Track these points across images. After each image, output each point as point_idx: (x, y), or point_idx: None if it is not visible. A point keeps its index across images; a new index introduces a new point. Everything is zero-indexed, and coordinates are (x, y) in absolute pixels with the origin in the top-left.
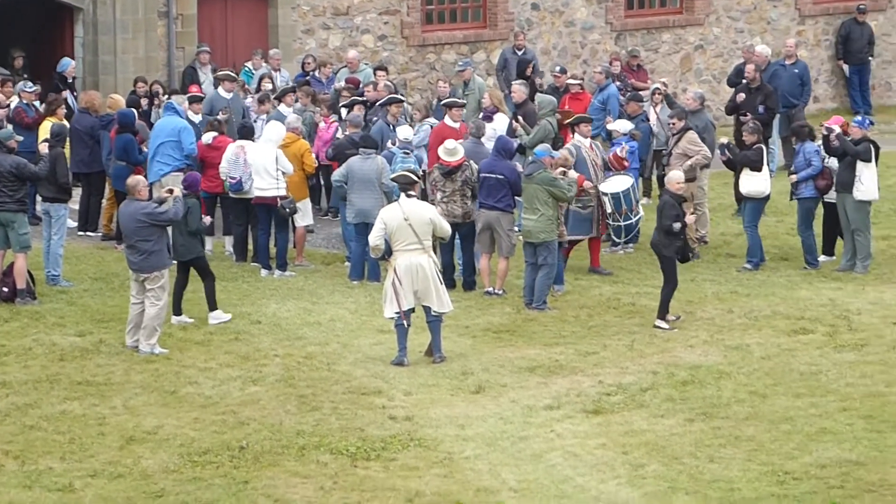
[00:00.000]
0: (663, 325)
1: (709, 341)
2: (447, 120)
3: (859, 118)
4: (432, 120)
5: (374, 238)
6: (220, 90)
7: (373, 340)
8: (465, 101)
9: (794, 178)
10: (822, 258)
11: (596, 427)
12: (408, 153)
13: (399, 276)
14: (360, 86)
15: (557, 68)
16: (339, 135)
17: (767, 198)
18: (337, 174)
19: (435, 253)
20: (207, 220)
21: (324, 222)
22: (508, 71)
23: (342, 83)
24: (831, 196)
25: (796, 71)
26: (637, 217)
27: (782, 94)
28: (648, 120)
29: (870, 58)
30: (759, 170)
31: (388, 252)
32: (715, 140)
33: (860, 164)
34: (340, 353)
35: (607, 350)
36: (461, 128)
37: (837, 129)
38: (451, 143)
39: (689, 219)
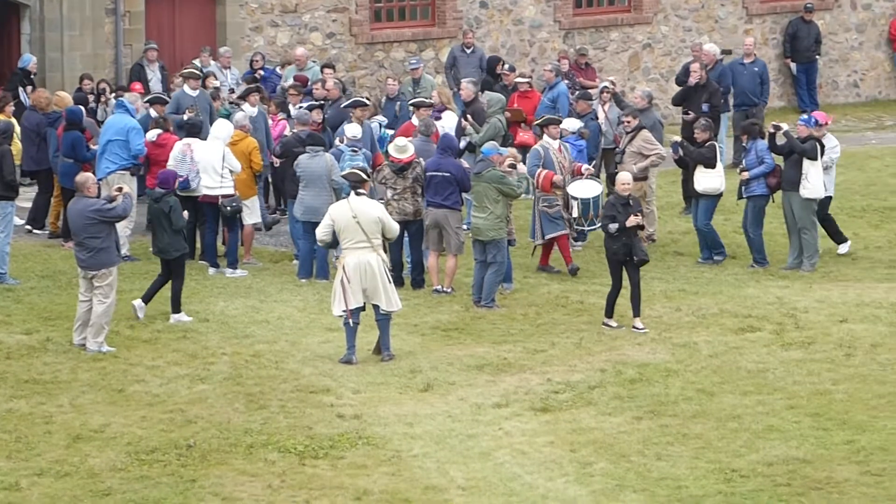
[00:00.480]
0: (639, 325)
1: (657, 339)
2: (414, 119)
3: (805, 116)
4: (381, 118)
5: (322, 233)
6: (186, 88)
7: (321, 338)
8: (433, 101)
9: (745, 175)
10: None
11: (544, 425)
12: (356, 151)
13: (348, 274)
14: (308, 83)
15: (506, 66)
16: (288, 132)
17: (720, 195)
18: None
19: (384, 251)
20: (185, 215)
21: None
22: (457, 69)
23: (290, 81)
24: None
25: (756, 69)
26: (600, 224)
27: (743, 92)
28: (597, 118)
29: (817, 56)
30: (713, 167)
31: (335, 244)
32: (663, 138)
33: (806, 163)
34: (289, 351)
35: (556, 348)
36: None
37: (785, 126)
38: (401, 140)
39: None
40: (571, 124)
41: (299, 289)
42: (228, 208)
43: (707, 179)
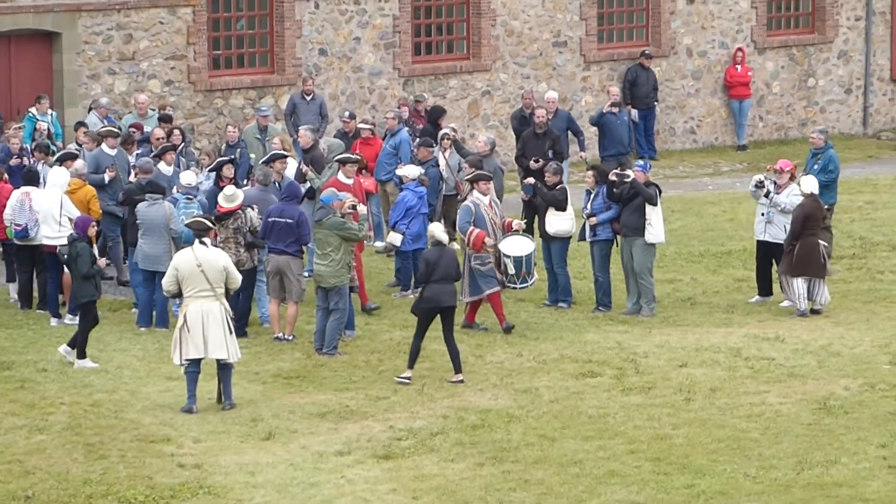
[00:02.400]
0: (460, 378)
1: (498, 385)
2: (340, 175)
3: (642, 162)
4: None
5: (167, 283)
6: (105, 147)
7: (161, 387)
8: (358, 157)
9: (594, 220)
10: (756, 299)
11: (386, 472)
12: (191, 199)
13: (189, 323)
14: (145, 131)
15: (346, 113)
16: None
17: (570, 237)
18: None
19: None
20: (102, 262)
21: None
22: (297, 116)
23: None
24: (770, 236)
25: (626, 119)
26: (533, 280)
27: (617, 141)
28: (438, 165)
29: (655, 103)
30: (564, 209)
31: (181, 293)
32: (504, 185)
33: (648, 208)
34: (128, 400)
35: (398, 395)
36: (355, 183)
37: (632, 174)
38: (230, 189)
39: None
40: (411, 171)
41: (139, 337)
42: (66, 256)
43: (559, 222)
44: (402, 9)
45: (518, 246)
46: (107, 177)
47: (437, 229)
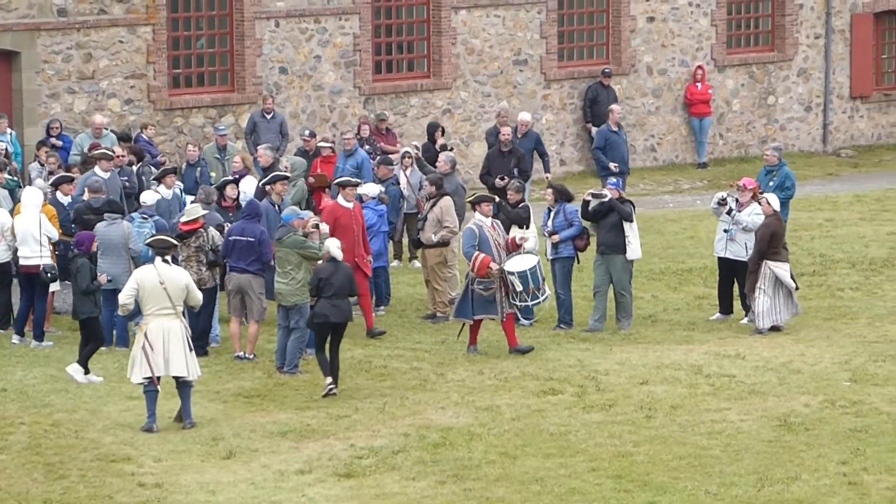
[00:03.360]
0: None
1: (460, 403)
2: (340, 199)
3: (614, 180)
4: (180, 184)
5: (125, 298)
6: (97, 169)
7: (122, 407)
8: (358, 181)
9: (556, 237)
10: (717, 316)
11: (348, 490)
12: (146, 219)
13: (150, 340)
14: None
15: (306, 132)
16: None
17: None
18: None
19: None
20: (103, 279)
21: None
22: (257, 134)
23: (85, 148)
24: (732, 254)
25: (625, 137)
26: (544, 296)
27: (619, 160)
28: (398, 183)
29: None
30: (528, 227)
31: (138, 312)
32: (465, 203)
33: (626, 225)
34: (89, 419)
35: (359, 413)
36: (355, 207)
37: (609, 194)
38: (189, 206)
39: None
40: (372, 189)
41: (99, 357)
42: (49, 275)
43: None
44: (362, 27)
45: (521, 262)
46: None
47: (333, 245)
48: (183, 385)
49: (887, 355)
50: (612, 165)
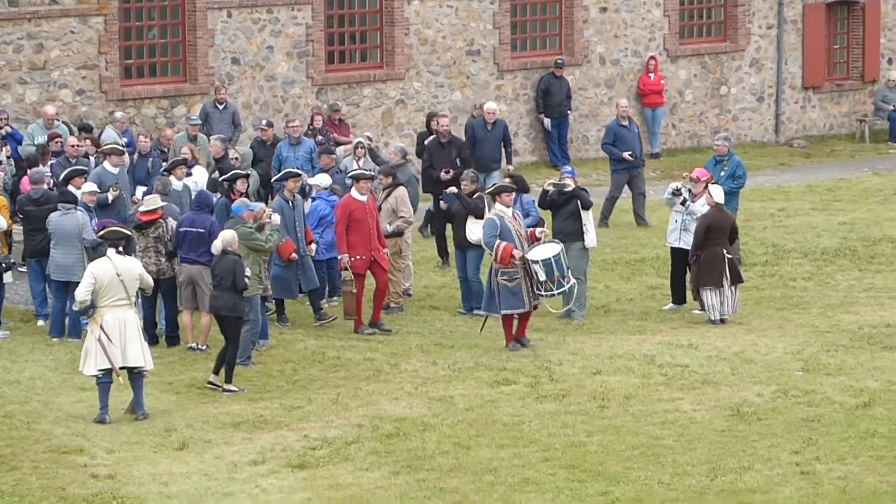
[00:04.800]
0: (231, 388)
1: (413, 393)
2: (354, 192)
3: (569, 168)
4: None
5: (83, 293)
6: (107, 165)
7: (74, 398)
8: (372, 174)
9: None
10: (670, 306)
11: (301, 482)
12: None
13: (107, 332)
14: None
15: (264, 122)
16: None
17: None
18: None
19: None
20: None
21: (24, 277)
22: (210, 125)
23: (38, 139)
24: (685, 244)
25: (636, 131)
26: (569, 284)
27: (635, 152)
28: (341, 173)
29: (568, 111)
30: (483, 217)
31: (92, 307)
32: (418, 193)
33: (583, 213)
34: (41, 411)
35: (312, 404)
36: (369, 200)
37: (571, 183)
38: (149, 197)
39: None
40: (323, 180)
41: (51, 348)
42: (4, 265)
43: (480, 229)
44: (315, 18)
45: (544, 250)
46: (110, 195)
47: (223, 237)
48: (136, 376)
49: (839, 345)
50: (625, 154)
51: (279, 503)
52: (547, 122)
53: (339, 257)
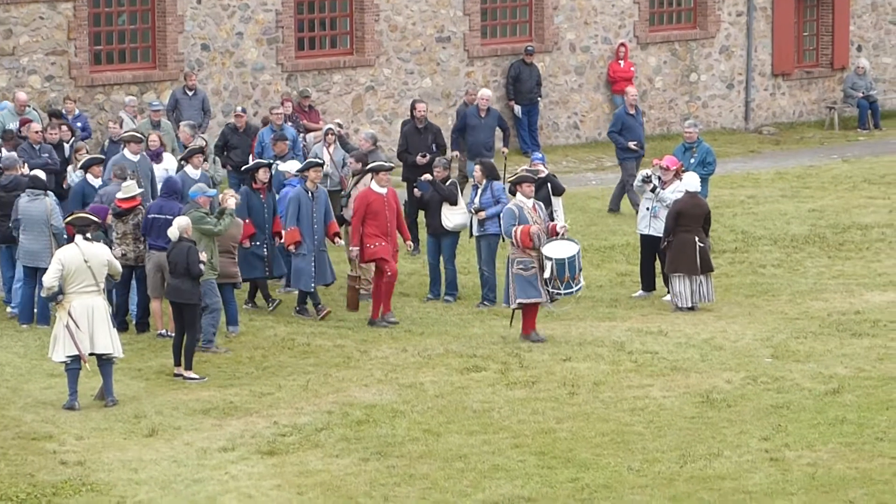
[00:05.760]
0: (193, 376)
1: (383, 380)
2: (373, 185)
3: (540, 155)
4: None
5: (51, 279)
6: (126, 152)
7: (43, 385)
8: (392, 165)
9: (482, 214)
10: (640, 293)
11: (271, 468)
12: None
13: (75, 318)
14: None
15: (239, 108)
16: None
17: (460, 232)
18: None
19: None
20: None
21: None
22: (179, 111)
23: (14, 125)
24: (655, 231)
25: (642, 120)
26: (578, 287)
27: (640, 141)
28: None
29: (538, 98)
30: (457, 203)
31: (60, 293)
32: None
33: (554, 200)
34: (10, 397)
35: (282, 391)
36: (389, 192)
37: (545, 170)
38: (128, 183)
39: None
40: (293, 167)
41: (20, 334)
42: None
43: (455, 216)
44: (284, 4)
45: (560, 249)
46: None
47: (178, 223)
48: (105, 363)
49: (808, 332)
50: (631, 144)
51: (249, 490)
52: (517, 109)
53: (349, 248)
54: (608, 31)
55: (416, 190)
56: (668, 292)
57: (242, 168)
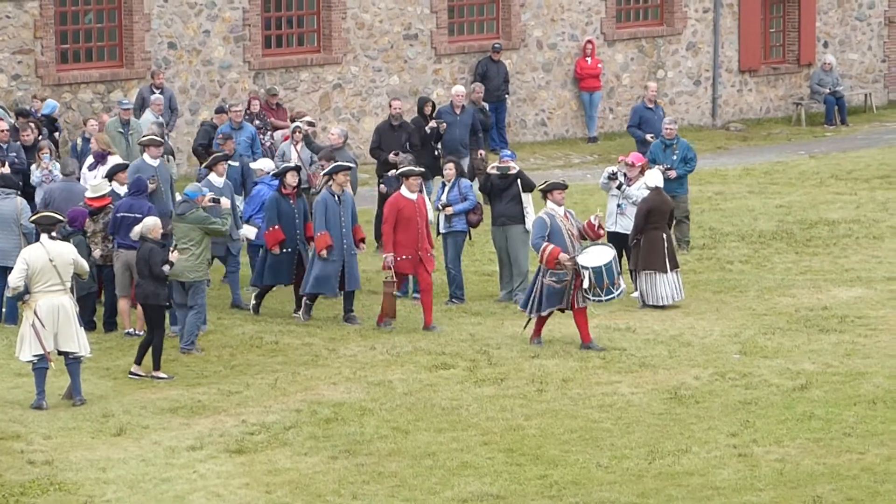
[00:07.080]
0: (161, 375)
1: (352, 378)
2: (403, 190)
3: (509, 152)
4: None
5: (16, 279)
6: (146, 157)
7: (10, 384)
8: (422, 170)
9: (449, 210)
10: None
11: (239, 467)
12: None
13: (41, 317)
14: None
15: (226, 105)
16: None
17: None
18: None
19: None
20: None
21: None
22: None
23: None
24: (622, 228)
25: (661, 114)
26: (619, 291)
27: (658, 129)
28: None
29: (506, 95)
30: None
31: (26, 292)
32: (357, 178)
33: (524, 196)
34: None
35: (250, 389)
36: (419, 199)
37: (516, 166)
38: (96, 181)
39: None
40: (266, 164)
41: None
42: None
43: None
44: (251, 2)
45: (596, 257)
46: (148, 188)
47: (145, 224)
48: (73, 362)
49: (776, 328)
50: (648, 137)
51: (217, 488)
52: (485, 106)
53: (383, 256)
54: (575, 28)
55: (381, 186)
56: (636, 289)
57: (322, 173)
